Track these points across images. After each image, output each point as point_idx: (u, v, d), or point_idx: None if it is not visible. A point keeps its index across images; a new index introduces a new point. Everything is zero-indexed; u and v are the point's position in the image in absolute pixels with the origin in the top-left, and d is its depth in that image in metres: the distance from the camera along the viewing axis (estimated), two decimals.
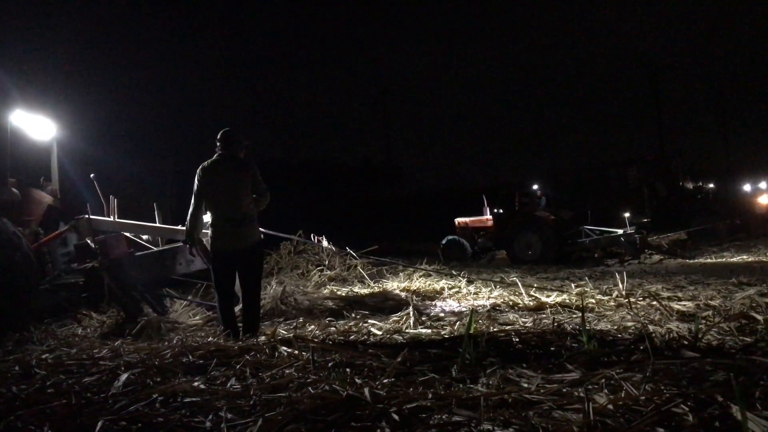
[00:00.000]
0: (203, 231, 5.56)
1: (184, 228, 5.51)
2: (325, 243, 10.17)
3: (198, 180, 5.28)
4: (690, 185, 17.82)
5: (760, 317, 4.74)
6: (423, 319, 5.69)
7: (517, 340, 4.24)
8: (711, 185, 18.53)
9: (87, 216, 6.62)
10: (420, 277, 9.41)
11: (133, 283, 6.07)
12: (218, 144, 5.37)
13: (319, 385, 3.10)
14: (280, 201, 7.75)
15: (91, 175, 7.13)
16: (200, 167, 5.33)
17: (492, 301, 6.98)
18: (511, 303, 6.64)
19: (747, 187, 19.19)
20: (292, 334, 4.81)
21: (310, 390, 3.04)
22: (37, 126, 7.20)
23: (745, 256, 12.61)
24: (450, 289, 8.16)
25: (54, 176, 7.78)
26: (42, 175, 7.70)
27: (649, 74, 33.75)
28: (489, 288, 8.11)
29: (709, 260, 12.59)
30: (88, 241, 6.29)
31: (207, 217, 5.50)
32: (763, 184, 18.98)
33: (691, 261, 12.60)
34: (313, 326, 5.49)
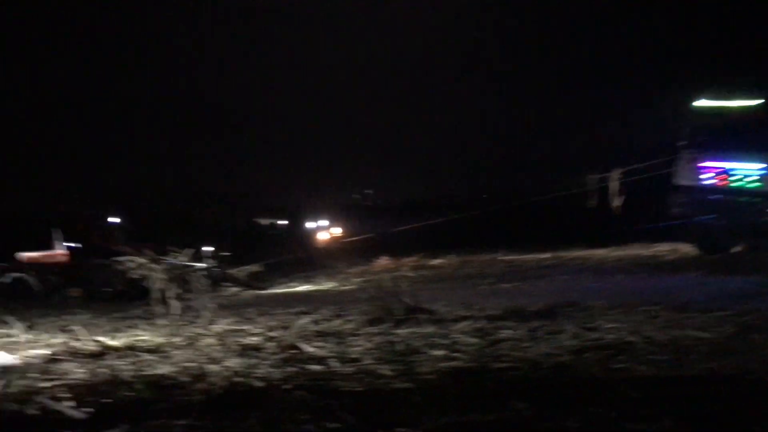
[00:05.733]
0: None
1: None
2: None
3: None
4: (264, 221, 19.47)
5: (306, 346, 5.36)
6: None
7: (69, 395, 3.90)
8: (282, 222, 20.54)
9: None
10: None
11: None
12: None
13: None
14: None
15: None
16: None
17: (52, 349, 6.31)
18: (73, 350, 6.10)
19: (311, 225, 21.88)
20: None
21: None
22: None
23: (308, 286, 14.22)
24: (1, 338, 7.10)
25: None
26: None
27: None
28: (50, 334, 7.33)
29: (279, 291, 13.80)
30: None
31: None
32: (323, 222, 21.94)
33: (264, 292, 13.61)
34: None
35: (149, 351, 5.65)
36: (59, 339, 6.93)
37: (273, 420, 2.88)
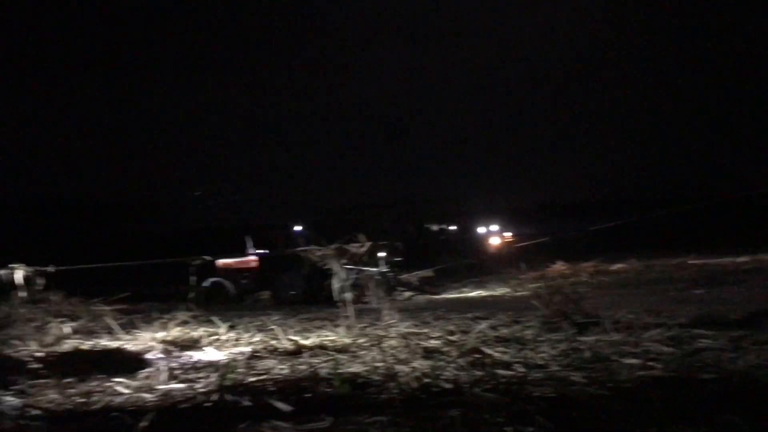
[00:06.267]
0: None
1: None
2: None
3: None
4: (435, 227, 19.72)
5: (490, 351, 5.35)
6: (177, 372, 5.41)
7: (274, 389, 4.24)
8: (452, 227, 20.65)
9: None
10: (177, 325, 8.94)
11: None
12: None
13: None
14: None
15: None
16: None
17: (253, 347, 6.89)
18: (271, 348, 6.62)
19: (481, 230, 21.76)
20: (21, 401, 4.26)
21: None
22: None
23: (481, 292, 14.16)
24: (209, 336, 7.87)
25: None
26: None
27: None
28: (250, 333, 8.00)
29: (451, 296, 13.90)
30: None
31: None
32: (494, 227, 21.71)
33: (437, 297, 13.78)
34: (48, 390, 4.90)
35: (338, 351, 5.97)
36: (258, 338, 7.55)
37: (470, 421, 2.91)
